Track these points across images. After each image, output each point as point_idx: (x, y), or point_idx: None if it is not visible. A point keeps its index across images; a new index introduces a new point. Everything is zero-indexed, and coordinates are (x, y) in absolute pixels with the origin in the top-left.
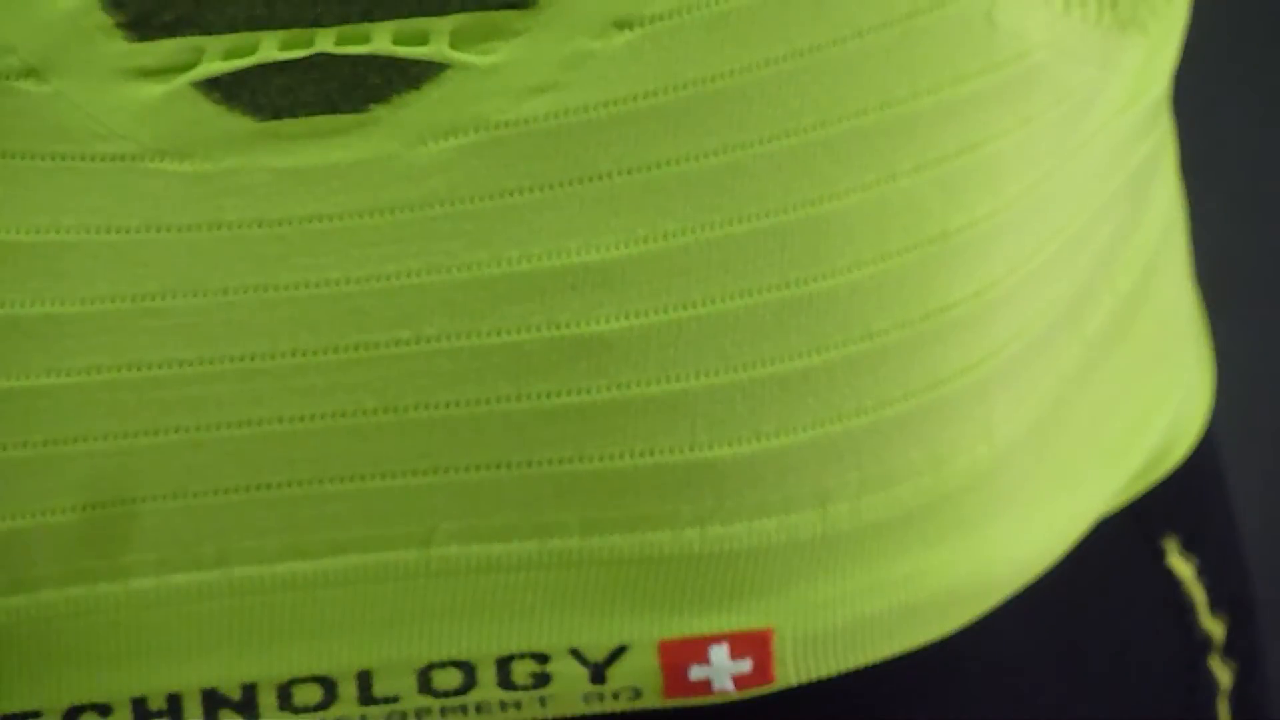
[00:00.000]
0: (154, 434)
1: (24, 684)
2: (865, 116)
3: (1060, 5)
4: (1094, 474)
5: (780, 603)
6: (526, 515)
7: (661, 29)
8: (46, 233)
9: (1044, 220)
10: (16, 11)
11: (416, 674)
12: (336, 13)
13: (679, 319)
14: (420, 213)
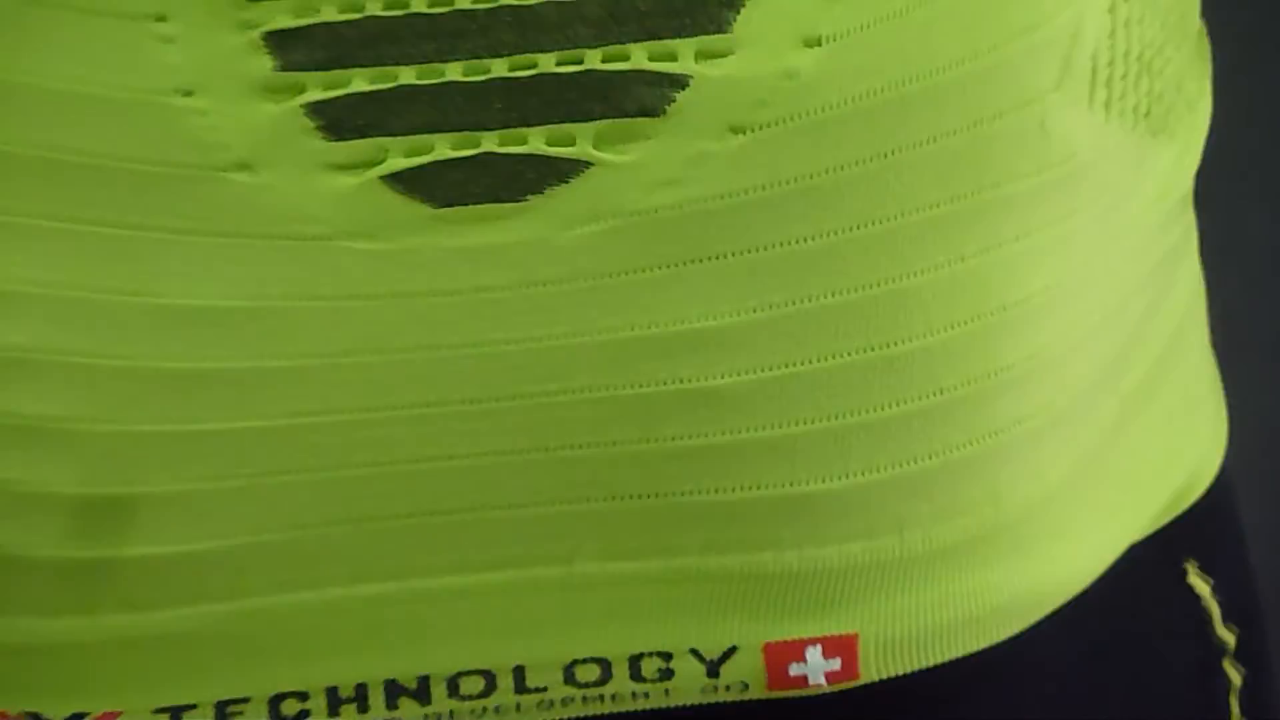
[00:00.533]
0: (344, 469)
1: (235, 674)
2: (937, 208)
3: (1102, 115)
4: (1128, 509)
5: (864, 612)
6: (654, 538)
7: (769, 134)
8: (255, 299)
9: (1087, 296)
10: (234, 116)
11: (562, 669)
12: (498, 119)
13: (782, 376)
14: (567, 286)
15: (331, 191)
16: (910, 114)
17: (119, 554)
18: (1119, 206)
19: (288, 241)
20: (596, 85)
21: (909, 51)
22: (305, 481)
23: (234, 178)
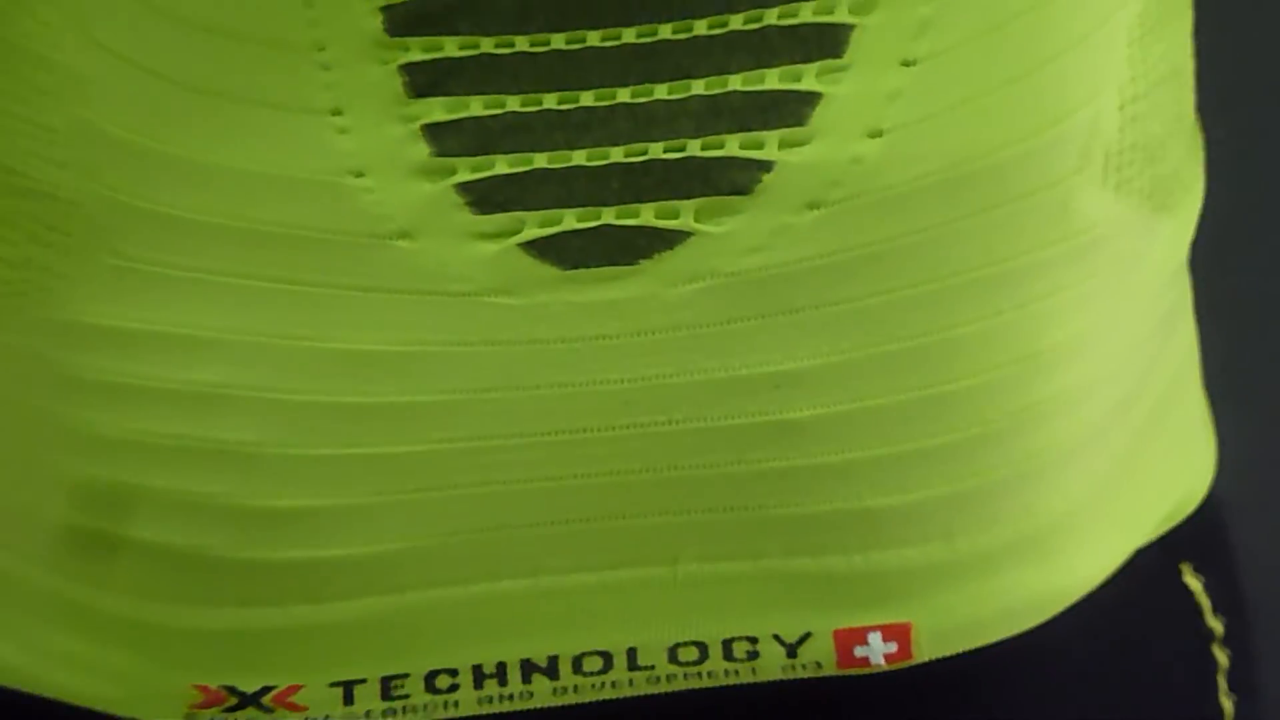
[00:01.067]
0: (486, 485)
1: (397, 655)
2: (980, 271)
3: (1114, 195)
4: (1135, 520)
5: (917, 605)
6: (743, 544)
7: (840, 209)
8: (411, 345)
9: (1103, 345)
10: (397, 193)
11: (666, 651)
12: (616, 196)
13: (850, 410)
14: (671, 334)
15: (477, 256)
16: (957, 193)
17: (301, 556)
18: (1130, 271)
19: (439, 297)
20: (697, 169)
21: (955, 141)
22: (453, 496)
23: (396, 244)
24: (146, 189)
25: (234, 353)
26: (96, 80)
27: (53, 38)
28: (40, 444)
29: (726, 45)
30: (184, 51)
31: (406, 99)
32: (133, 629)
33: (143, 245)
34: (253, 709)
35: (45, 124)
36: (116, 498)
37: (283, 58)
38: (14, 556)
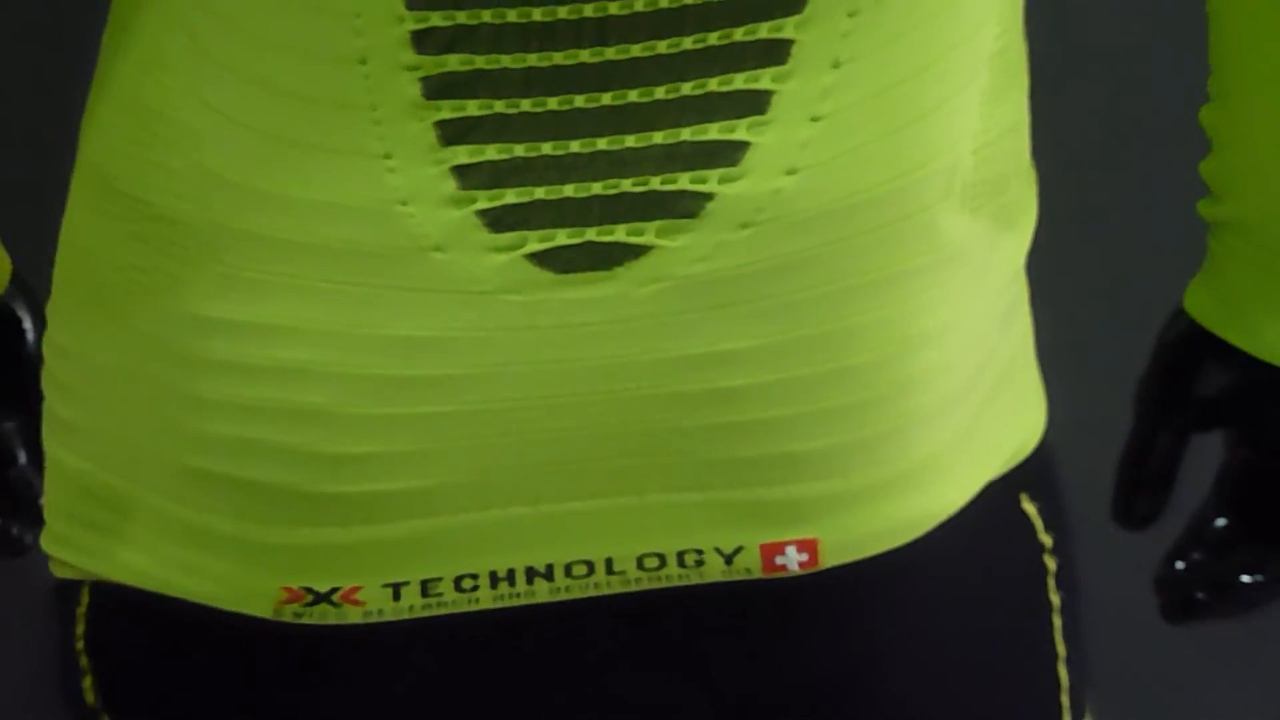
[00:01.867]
0: (504, 435)
1: (434, 563)
2: (869, 274)
3: (970, 218)
4: (985, 460)
5: (823, 525)
6: (693, 480)
7: (765, 228)
8: (444, 331)
9: (960, 330)
10: (432, 217)
11: (635, 559)
12: (597, 219)
13: (774, 379)
14: (638, 323)
15: (492, 264)
16: (852, 217)
17: (361, 489)
18: (980, 275)
19: (465, 295)
20: (658, 199)
21: (851, 178)
22: (476, 444)
23: (432, 255)
24: (244, 215)
25: (311, 338)
26: (207, 133)
27: (175, 101)
28: (166, 406)
29: (680, 105)
30: (271, 111)
31: (439, 146)
32: (235, 544)
33: (241, 257)
34: (324, 605)
35: (169, 166)
36: (224, 446)
37: (346, 115)
38: (146, 490)
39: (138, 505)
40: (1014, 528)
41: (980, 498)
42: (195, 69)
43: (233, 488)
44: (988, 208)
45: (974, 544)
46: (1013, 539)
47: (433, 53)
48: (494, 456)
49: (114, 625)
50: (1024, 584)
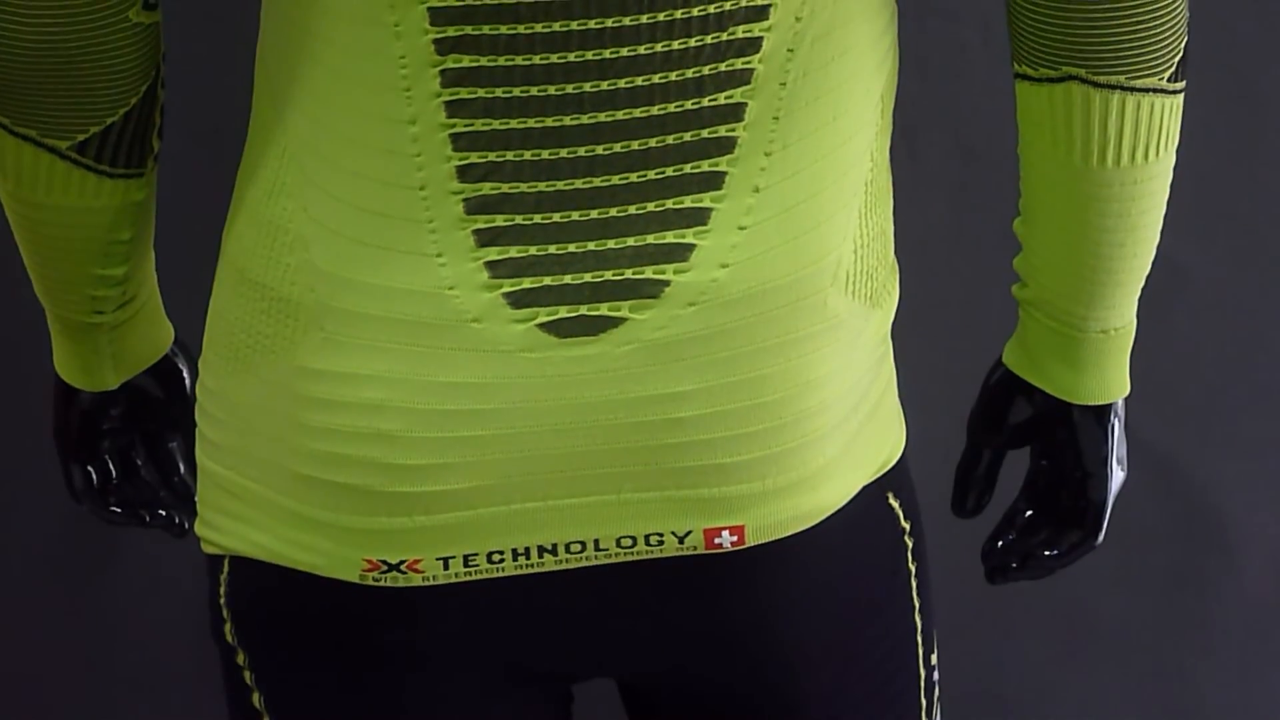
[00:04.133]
0: (521, 452)
1: (472, 542)
2: (779, 338)
3: (851, 298)
4: (863, 468)
5: (747, 516)
6: (654, 483)
7: (706, 305)
8: (481, 379)
9: (842, 378)
10: (472, 298)
11: (614, 540)
12: (589, 299)
13: (711, 413)
14: (615, 373)
15: (514, 332)
16: (767, 297)
17: (421, 490)
18: (858, 338)
19: (494, 353)
20: (631, 285)
21: (767, 270)
22: (503, 458)
23: (471, 325)
24: (338, 297)
25: (385, 383)
26: (312, 239)
27: (290, 217)
28: (282, 431)
29: (646, 218)
30: (358, 223)
31: (476, 248)
32: (331, 529)
33: (337, 326)
34: (394, 572)
35: (285, 263)
36: (323, 459)
37: (410, 227)
38: (268, 490)
39: (262, 501)
40: (882, 517)
41: (858, 496)
42: (304, 195)
43: (329, 489)
44: (862, 291)
45: (854, 528)
46: (881, 525)
47: (472, 182)
48: (514, 467)
49: (246, 587)
50: (889, 556)
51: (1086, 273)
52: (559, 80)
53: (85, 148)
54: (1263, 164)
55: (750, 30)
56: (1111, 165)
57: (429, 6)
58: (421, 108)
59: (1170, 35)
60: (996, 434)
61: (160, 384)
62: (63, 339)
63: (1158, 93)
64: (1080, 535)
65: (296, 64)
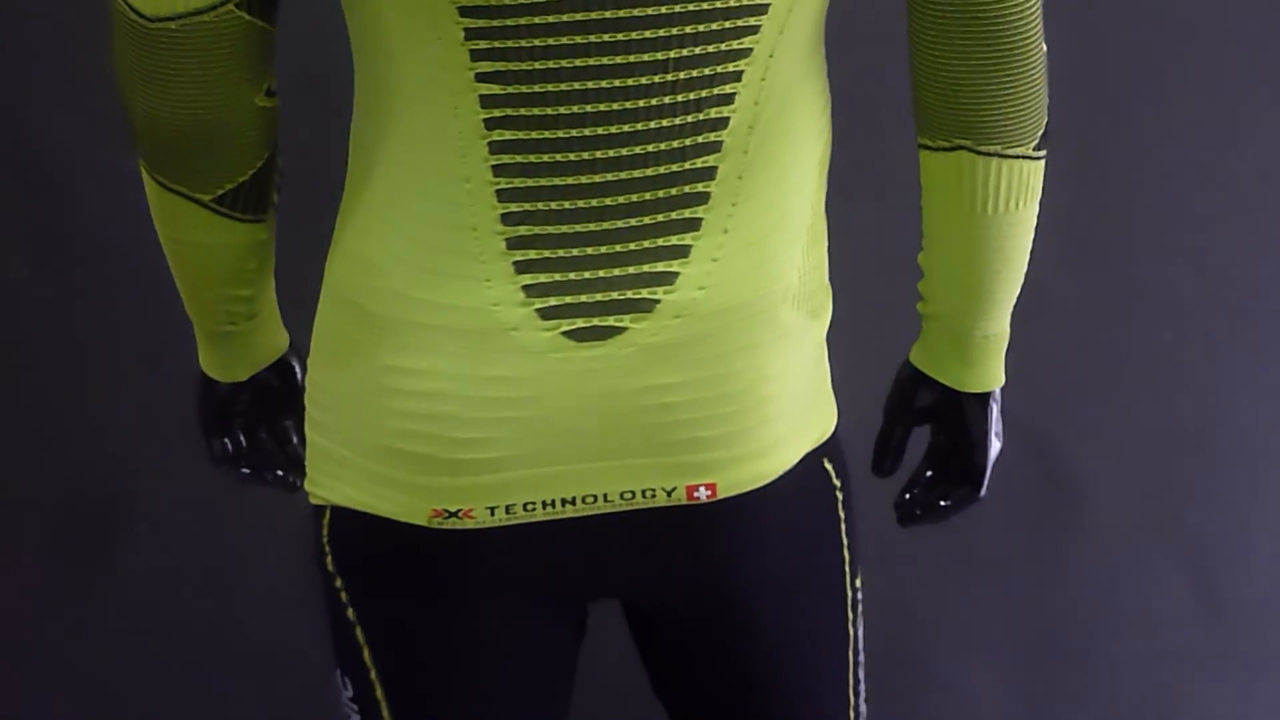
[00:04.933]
0: (549, 431)
1: (509, 495)
2: (740, 343)
3: (797, 313)
4: (804, 439)
5: (718, 476)
6: (648, 451)
7: (688, 318)
8: (517, 372)
9: (790, 373)
10: (511, 313)
11: (619, 494)
12: (599, 314)
13: (692, 398)
14: (620, 368)
15: (544, 338)
16: (734, 313)
17: (472, 457)
18: (801, 343)
19: (528, 354)
20: (630, 302)
21: (734, 291)
22: (535, 433)
23: (510, 333)
24: (411, 311)
25: (446, 377)
26: (392, 269)
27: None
28: (368, 412)
29: (641, 253)
30: (425, 256)
31: (515, 275)
32: (406, 486)
33: (409, 333)
34: (454, 518)
35: (371, 286)
36: (399, 434)
37: (465, 259)
38: (358, 456)
39: (353, 465)
40: (819, 476)
41: (802, 461)
42: (385, 235)
43: (404, 456)
44: (805, 307)
45: (798, 485)
46: (819, 482)
47: (512, 225)
48: (543, 439)
49: (343, 529)
50: (825, 506)
51: (973, 293)
52: (577, 149)
53: (222, 200)
54: (1100, 213)
55: (721, 112)
56: (992, 213)
57: (479, 94)
58: (474, 169)
59: (1035, 116)
60: (905, 415)
61: (279, 377)
62: (205, 344)
63: (1026, 158)
64: (968, 490)
65: (380, 137)
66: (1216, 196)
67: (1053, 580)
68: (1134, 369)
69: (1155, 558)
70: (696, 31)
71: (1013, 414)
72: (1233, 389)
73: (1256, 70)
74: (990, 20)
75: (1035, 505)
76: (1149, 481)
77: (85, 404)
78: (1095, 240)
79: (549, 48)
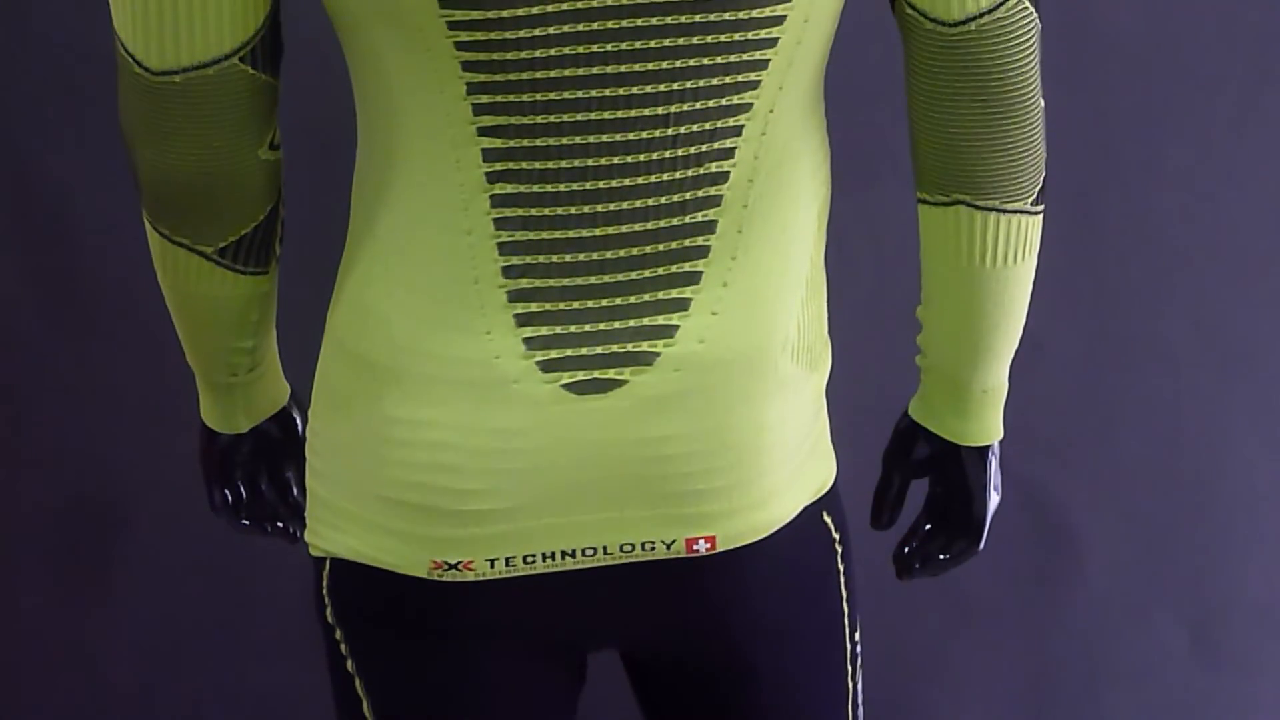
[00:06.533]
0: (551, 481)
1: (510, 547)
2: (740, 394)
3: (795, 364)
4: (803, 492)
5: (717, 529)
6: (649, 504)
7: (687, 371)
8: (521, 423)
9: (789, 424)
10: (513, 364)
11: (619, 546)
12: (600, 366)
13: (691, 450)
14: (621, 420)
15: (544, 390)
16: (733, 364)
17: (475, 508)
18: (800, 394)
19: (529, 405)
20: (632, 355)
21: (734, 344)
22: (536, 484)
23: (512, 385)
24: (413, 362)
25: (448, 427)
26: (394, 319)
27: (378, 302)
28: (369, 463)
29: (642, 306)
30: (428, 308)
31: (516, 327)
32: (406, 536)
33: (412, 384)
34: (453, 570)
35: (374, 337)
36: (400, 484)
37: (468, 311)
38: (358, 507)
39: (354, 515)
40: (818, 529)
41: (800, 513)
42: (388, 285)
43: (405, 507)
44: (804, 359)
45: (797, 538)
46: (817, 535)
47: (513, 278)
48: (543, 491)
49: (342, 581)
50: (823, 558)
51: (971, 347)
52: (579, 203)
53: (225, 252)
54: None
55: (721, 166)
56: (990, 267)
57: (482, 148)
58: (476, 221)
59: (1033, 171)
60: (904, 467)
61: (280, 428)
62: (207, 394)
63: (1024, 213)
64: (966, 543)
65: (383, 188)
66: (1211, 247)
67: (1050, 631)
68: (1131, 420)
69: (1153, 608)
70: (697, 87)
71: (1010, 464)
72: (1229, 440)
73: (1249, 121)
74: (988, 77)
75: (1033, 556)
76: (1146, 532)
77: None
78: (1091, 291)
79: (551, 102)
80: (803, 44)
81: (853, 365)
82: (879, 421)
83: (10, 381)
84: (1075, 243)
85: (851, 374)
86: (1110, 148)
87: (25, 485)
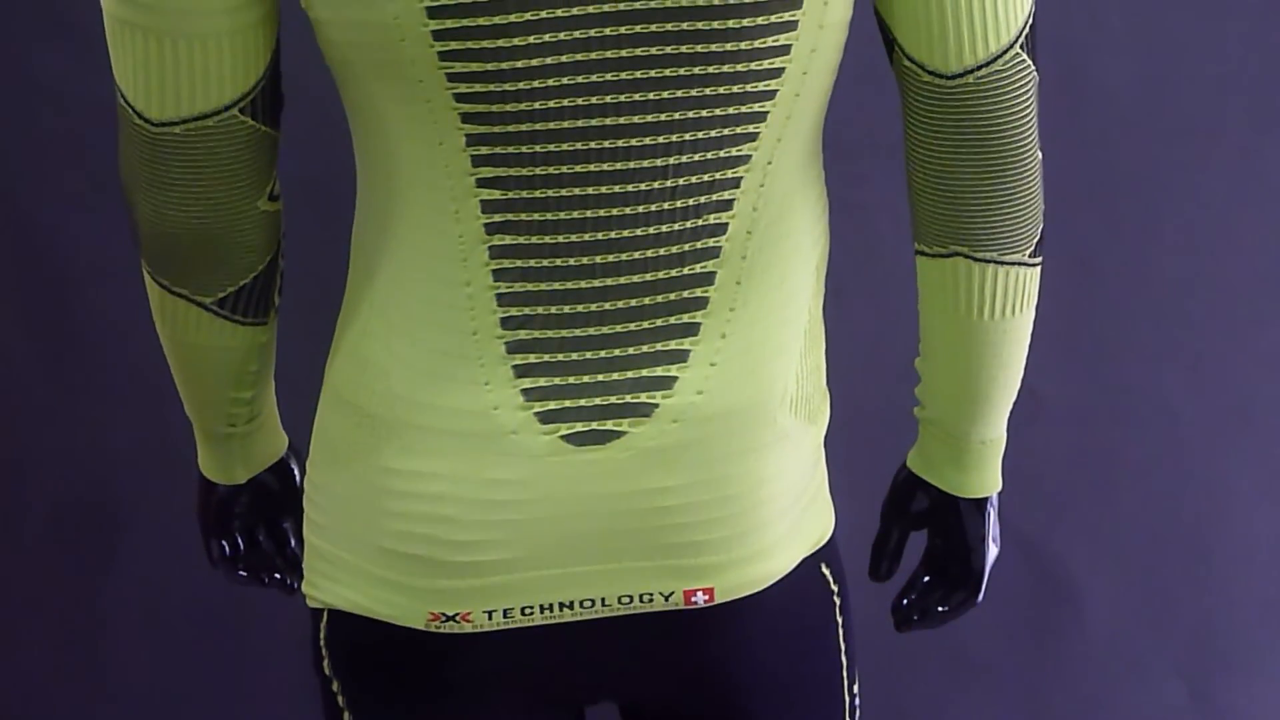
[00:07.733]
0: (550, 534)
1: (507, 600)
2: (739, 446)
3: (795, 417)
4: (802, 544)
5: (715, 580)
6: (647, 555)
7: (686, 422)
8: (518, 476)
9: (788, 476)
10: (510, 417)
11: (617, 598)
12: (597, 419)
13: (689, 502)
14: (619, 472)
15: (542, 442)
16: (732, 416)
17: (471, 560)
18: (799, 446)
19: (527, 457)
20: (630, 407)
21: (731, 396)
22: (534, 536)
23: (510, 436)
24: (412, 414)
25: (446, 479)
26: (392, 371)
27: (376, 354)
28: (367, 514)
29: (641, 357)
30: (426, 360)
31: (514, 378)
32: (404, 588)
33: (410, 435)
34: (451, 622)
35: (373, 389)
36: (399, 536)
37: (466, 362)
38: (356, 558)
39: (352, 567)
40: (816, 581)
41: (799, 565)
42: (387, 337)
43: (403, 558)
44: (803, 412)
45: (795, 590)
46: (816, 587)
47: (512, 329)
48: (541, 542)
49: (340, 632)
50: (821, 611)
51: (969, 399)
52: (577, 254)
53: (224, 303)
54: (1094, 317)
55: (720, 218)
56: (988, 319)
57: (481, 199)
58: (474, 273)
59: (1030, 223)
60: (902, 519)
61: (277, 479)
62: (205, 446)
63: (1022, 265)
64: (965, 595)
65: (382, 240)
66: (1209, 300)
67: (1049, 685)
68: (1129, 473)
69: (1152, 662)
70: (696, 138)
71: (1008, 517)
72: (1228, 493)
73: (1247, 175)
74: (986, 129)
75: (1031, 609)
76: (1145, 585)
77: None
78: (1089, 345)
79: (549, 154)
80: (801, 96)
81: (851, 416)
82: (878, 473)
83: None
84: (1073, 295)
85: (850, 425)
86: (1108, 200)
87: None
